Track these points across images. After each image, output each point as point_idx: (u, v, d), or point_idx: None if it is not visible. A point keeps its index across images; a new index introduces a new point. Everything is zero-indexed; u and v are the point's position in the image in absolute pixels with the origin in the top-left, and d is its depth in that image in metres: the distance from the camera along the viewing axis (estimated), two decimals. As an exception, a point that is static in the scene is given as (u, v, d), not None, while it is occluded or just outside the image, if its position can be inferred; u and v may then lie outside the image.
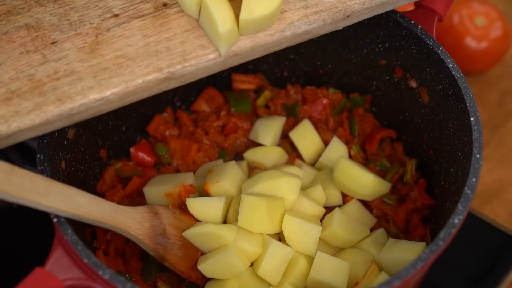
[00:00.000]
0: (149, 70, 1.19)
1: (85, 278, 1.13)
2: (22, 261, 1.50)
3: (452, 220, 1.16)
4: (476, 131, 1.24)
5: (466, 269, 1.54)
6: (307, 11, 1.25)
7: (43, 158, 1.23)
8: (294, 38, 1.26)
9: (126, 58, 1.19)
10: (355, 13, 1.28)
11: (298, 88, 1.59)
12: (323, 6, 1.26)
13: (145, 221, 1.26)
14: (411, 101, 1.46)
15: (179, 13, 1.24)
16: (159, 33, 1.22)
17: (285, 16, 1.24)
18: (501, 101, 1.81)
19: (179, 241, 1.31)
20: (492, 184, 1.67)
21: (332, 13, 1.26)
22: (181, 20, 1.23)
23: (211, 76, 1.58)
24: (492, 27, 1.78)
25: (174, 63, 1.20)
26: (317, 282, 1.30)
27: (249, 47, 1.23)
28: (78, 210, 1.14)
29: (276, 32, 1.23)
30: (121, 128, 1.52)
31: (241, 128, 1.56)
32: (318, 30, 1.27)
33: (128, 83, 1.17)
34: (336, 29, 1.29)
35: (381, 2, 1.28)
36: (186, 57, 1.20)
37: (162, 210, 1.31)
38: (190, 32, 1.23)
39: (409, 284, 1.18)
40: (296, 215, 1.34)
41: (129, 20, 1.23)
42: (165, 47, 1.21)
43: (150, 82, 1.19)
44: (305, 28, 1.25)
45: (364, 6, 1.27)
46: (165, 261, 1.29)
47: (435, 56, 1.34)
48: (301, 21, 1.24)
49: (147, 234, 1.25)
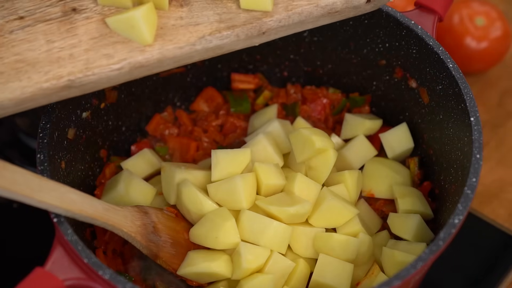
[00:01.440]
0: (48, 77, 1.15)
1: (85, 278, 1.13)
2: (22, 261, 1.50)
3: (452, 220, 1.16)
4: (476, 131, 1.24)
5: (466, 269, 1.54)
6: (220, 25, 1.22)
7: (43, 158, 1.23)
8: (206, 52, 1.23)
9: (26, 63, 1.15)
10: (271, 30, 1.25)
11: (298, 87, 1.59)
12: (237, 22, 1.23)
13: (136, 219, 1.26)
14: (411, 101, 1.46)
15: (88, 19, 1.21)
16: (64, 39, 1.18)
17: (197, 29, 1.21)
18: (501, 101, 1.81)
19: (171, 239, 1.31)
20: (492, 184, 1.67)
21: (247, 29, 1.23)
22: (88, 27, 1.20)
23: (211, 76, 1.60)
24: (492, 27, 1.78)
25: (75, 72, 1.16)
26: (320, 285, 1.30)
27: (157, 59, 1.20)
28: (71, 206, 1.14)
29: (186, 46, 1.20)
30: (121, 128, 1.52)
31: (240, 127, 1.56)
32: (232, 45, 1.24)
33: (24, 89, 1.13)
34: (252, 45, 1.27)
35: (298, 21, 1.26)
36: (89, 66, 1.17)
37: (151, 210, 1.32)
38: (96, 40, 1.19)
39: (409, 284, 1.18)
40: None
41: (34, 23, 1.19)
42: (68, 54, 1.17)
43: (48, 90, 1.15)
44: (217, 43, 1.22)
45: (281, 24, 1.25)
46: (158, 259, 1.30)
47: (435, 56, 1.34)
48: (213, 35, 1.21)
49: (139, 232, 1.26)
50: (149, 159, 1.47)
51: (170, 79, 1.55)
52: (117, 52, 1.18)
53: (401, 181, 1.43)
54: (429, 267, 1.25)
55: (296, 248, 1.34)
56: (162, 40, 1.20)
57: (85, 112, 1.38)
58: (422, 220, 1.35)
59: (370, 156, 1.46)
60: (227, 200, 1.32)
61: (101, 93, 1.42)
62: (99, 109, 1.43)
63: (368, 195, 1.44)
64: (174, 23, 1.22)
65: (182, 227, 1.35)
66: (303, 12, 1.26)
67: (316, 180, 1.37)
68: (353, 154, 1.45)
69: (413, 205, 1.38)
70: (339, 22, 1.46)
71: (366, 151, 1.46)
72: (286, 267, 1.30)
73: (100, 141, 1.46)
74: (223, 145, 1.55)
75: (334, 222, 1.34)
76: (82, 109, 1.37)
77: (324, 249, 1.32)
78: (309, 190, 1.34)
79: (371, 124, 1.49)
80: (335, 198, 1.33)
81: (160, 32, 1.21)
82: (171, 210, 1.35)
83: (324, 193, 1.34)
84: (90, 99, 1.39)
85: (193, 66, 1.55)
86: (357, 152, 1.46)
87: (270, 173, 1.34)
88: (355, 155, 1.46)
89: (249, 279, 1.28)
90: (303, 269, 1.32)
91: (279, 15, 1.24)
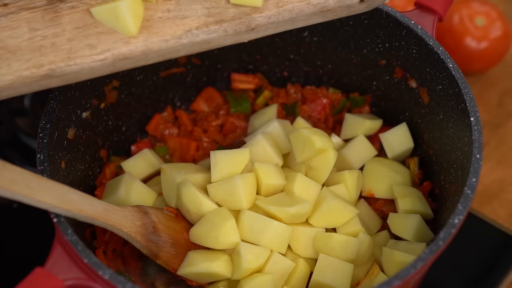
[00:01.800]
0: (28, 65, 1.13)
1: (85, 278, 1.13)
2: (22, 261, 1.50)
3: (452, 220, 1.15)
4: (476, 131, 1.24)
5: (466, 269, 1.54)
6: (208, 19, 1.20)
7: (43, 158, 1.23)
8: (192, 47, 1.21)
9: (7, 50, 1.13)
10: (260, 27, 1.23)
11: (298, 87, 1.59)
12: (226, 16, 1.21)
13: (136, 219, 1.26)
14: (411, 101, 1.46)
15: (73, 8, 1.19)
16: (47, 27, 1.16)
17: (184, 23, 1.20)
18: (501, 101, 1.81)
19: (170, 239, 1.31)
20: (492, 184, 1.67)
21: (235, 24, 1.21)
22: (73, 16, 1.18)
23: (211, 76, 1.60)
24: (492, 27, 1.78)
25: (56, 61, 1.14)
26: (320, 285, 1.30)
27: (141, 51, 1.18)
28: (71, 206, 1.14)
29: (172, 39, 1.19)
30: (121, 128, 1.52)
31: (240, 127, 1.56)
32: (220, 40, 1.22)
33: (3, 77, 1.12)
34: (241, 41, 1.25)
35: (289, 18, 1.25)
36: (71, 56, 1.15)
37: (151, 210, 1.32)
38: (80, 30, 1.17)
39: (409, 284, 1.18)
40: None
41: (18, 11, 1.17)
42: (51, 43, 1.15)
43: (28, 78, 1.13)
44: (204, 37, 1.20)
45: (270, 20, 1.23)
46: (158, 259, 1.30)
47: (435, 56, 1.34)
48: (200, 29, 1.19)
49: (139, 232, 1.26)
50: (149, 159, 1.47)
51: (170, 79, 1.55)
52: (100, 43, 1.17)
53: (401, 181, 1.43)
54: (429, 267, 1.25)
55: (296, 248, 1.33)
56: (147, 32, 1.19)
57: (85, 112, 1.38)
58: (422, 220, 1.35)
59: (370, 156, 1.46)
60: (227, 200, 1.32)
61: (101, 93, 1.42)
62: (99, 109, 1.43)
63: (368, 195, 1.44)
64: (161, 16, 1.21)
65: (182, 227, 1.35)
66: (294, 9, 1.25)
67: (316, 180, 1.37)
68: (353, 154, 1.46)
69: (413, 205, 1.38)
70: (339, 22, 1.46)
71: (366, 151, 1.46)
72: (286, 267, 1.30)
73: (100, 141, 1.46)
74: (223, 145, 1.55)
75: (334, 222, 1.34)
76: (82, 109, 1.37)
77: (324, 249, 1.32)
78: (309, 190, 1.34)
79: (371, 124, 1.49)
80: (335, 198, 1.33)
81: (146, 24, 1.20)
82: (171, 210, 1.35)
83: (324, 193, 1.34)
84: (90, 99, 1.39)
85: (193, 66, 1.55)
86: (357, 152, 1.46)
87: (270, 173, 1.34)
88: (355, 155, 1.46)
89: (249, 279, 1.28)
90: (303, 269, 1.32)
91: (269, 12, 1.23)
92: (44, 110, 1.28)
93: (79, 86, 1.34)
